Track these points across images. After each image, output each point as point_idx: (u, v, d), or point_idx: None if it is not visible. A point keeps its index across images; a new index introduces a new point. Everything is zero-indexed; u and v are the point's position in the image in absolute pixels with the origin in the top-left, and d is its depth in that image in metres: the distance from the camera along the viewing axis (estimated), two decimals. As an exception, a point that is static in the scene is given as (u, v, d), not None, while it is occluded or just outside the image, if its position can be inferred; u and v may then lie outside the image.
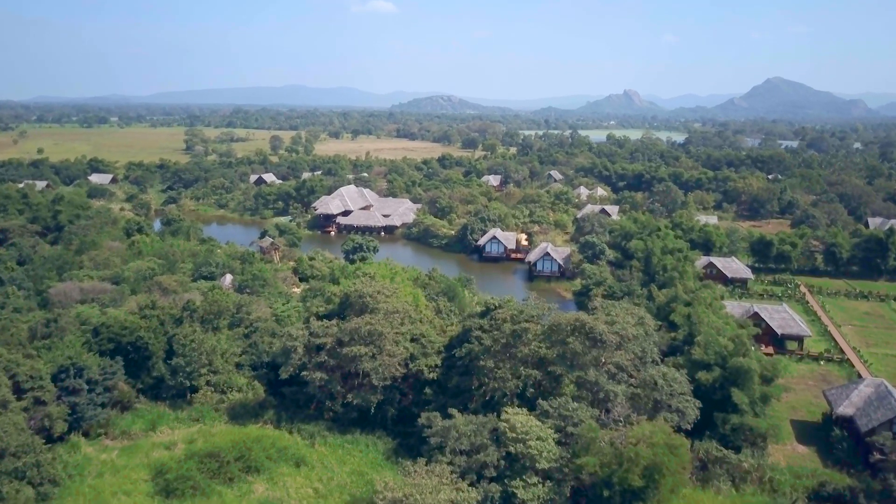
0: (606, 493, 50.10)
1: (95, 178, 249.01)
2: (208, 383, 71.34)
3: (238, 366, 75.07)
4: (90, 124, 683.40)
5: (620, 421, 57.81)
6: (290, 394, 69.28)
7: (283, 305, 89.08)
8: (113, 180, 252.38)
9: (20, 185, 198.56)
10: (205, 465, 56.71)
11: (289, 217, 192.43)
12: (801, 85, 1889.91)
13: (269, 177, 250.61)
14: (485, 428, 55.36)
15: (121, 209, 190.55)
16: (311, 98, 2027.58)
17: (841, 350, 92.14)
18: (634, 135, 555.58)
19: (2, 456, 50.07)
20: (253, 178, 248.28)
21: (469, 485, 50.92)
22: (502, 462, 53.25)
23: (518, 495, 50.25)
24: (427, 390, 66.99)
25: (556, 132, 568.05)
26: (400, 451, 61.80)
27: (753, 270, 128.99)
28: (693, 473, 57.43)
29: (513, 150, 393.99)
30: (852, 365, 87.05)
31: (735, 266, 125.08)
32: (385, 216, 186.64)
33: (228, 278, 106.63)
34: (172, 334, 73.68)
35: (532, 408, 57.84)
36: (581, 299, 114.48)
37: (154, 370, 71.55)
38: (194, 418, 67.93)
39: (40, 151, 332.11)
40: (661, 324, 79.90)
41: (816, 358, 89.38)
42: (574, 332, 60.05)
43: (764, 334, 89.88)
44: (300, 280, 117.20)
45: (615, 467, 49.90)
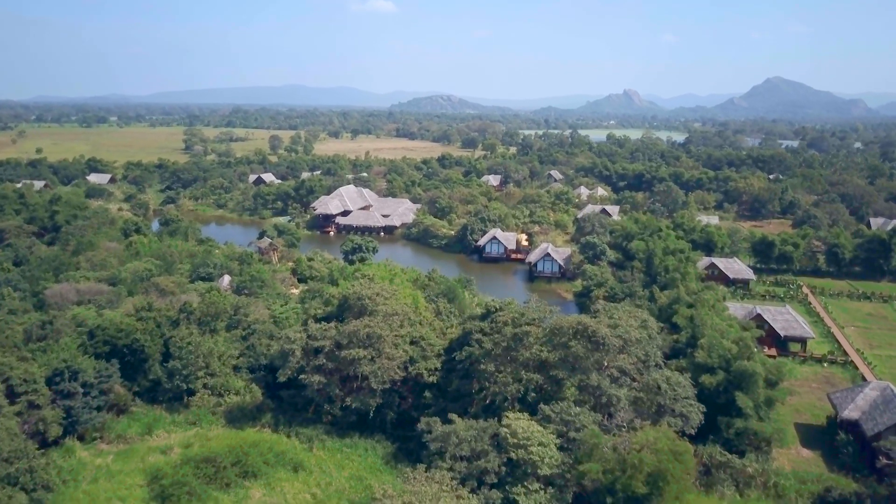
0: (609, 500, 49.29)
1: (94, 178, 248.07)
2: (205, 386, 70.52)
3: (235, 368, 74.24)
4: (89, 124, 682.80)
5: (623, 426, 57.11)
6: (288, 397, 68.45)
7: (282, 307, 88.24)
8: (111, 180, 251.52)
9: (18, 185, 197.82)
10: (201, 471, 55.90)
11: (288, 217, 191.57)
12: (801, 85, 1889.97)
13: (268, 177, 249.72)
14: (485, 433, 54.56)
15: (119, 209, 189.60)
16: (311, 98, 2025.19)
17: (844, 352, 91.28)
18: (634, 134, 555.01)
19: (-6, 461, 49.26)
20: (252, 178, 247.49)
21: (470, 491, 50.23)
22: (503, 468, 52.49)
23: (520, 502, 49.53)
24: (427, 394, 66.11)
25: (556, 132, 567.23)
26: (399, 456, 61.05)
27: (755, 271, 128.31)
28: (697, 478, 56.59)
29: (513, 150, 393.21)
30: (856, 367, 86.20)
31: (737, 267, 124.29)
32: (384, 216, 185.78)
33: (226, 279, 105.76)
34: (169, 336, 72.94)
35: (533, 412, 57.13)
36: (582, 300, 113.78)
37: (150, 373, 70.74)
38: (191, 422, 67.17)
39: (39, 151, 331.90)
40: (664, 326, 79.18)
41: (820, 360, 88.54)
42: (576, 336, 59.24)
43: (767, 336, 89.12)
44: (299, 281, 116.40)
45: (618, 474, 49.12)
